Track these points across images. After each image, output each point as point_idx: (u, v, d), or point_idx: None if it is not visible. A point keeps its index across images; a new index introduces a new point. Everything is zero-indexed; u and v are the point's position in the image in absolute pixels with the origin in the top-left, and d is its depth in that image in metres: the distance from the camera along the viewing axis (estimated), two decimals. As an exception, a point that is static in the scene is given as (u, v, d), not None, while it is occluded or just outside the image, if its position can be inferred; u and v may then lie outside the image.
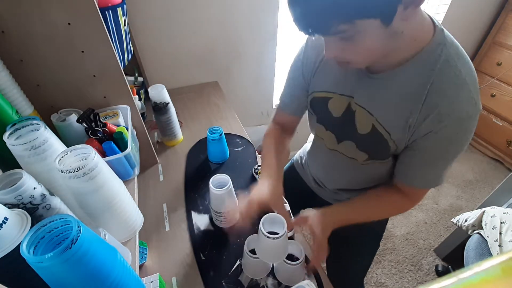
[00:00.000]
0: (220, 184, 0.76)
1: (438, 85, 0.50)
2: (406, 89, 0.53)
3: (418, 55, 0.50)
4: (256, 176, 0.95)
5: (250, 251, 0.67)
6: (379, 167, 0.68)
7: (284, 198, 0.70)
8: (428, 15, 0.52)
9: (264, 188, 0.64)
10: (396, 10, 0.41)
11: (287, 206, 0.81)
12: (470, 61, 0.51)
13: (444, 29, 0.51)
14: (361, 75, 0.58)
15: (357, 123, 0.62)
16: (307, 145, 0.91)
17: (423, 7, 0.48)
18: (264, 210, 0.63)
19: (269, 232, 0.61)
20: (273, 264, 0.71)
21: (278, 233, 0.60)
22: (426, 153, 0.57)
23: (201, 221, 0.84)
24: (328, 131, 0.70)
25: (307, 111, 0.76)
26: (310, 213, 0.65)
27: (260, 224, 0.61)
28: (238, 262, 0.74)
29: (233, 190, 0.76)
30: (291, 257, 0.68)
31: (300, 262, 0.64)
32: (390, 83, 0.54)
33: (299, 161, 0.97)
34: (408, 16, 0.43)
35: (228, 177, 0.75)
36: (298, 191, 0.93)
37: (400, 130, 0.56)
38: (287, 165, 1.06)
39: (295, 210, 0.82)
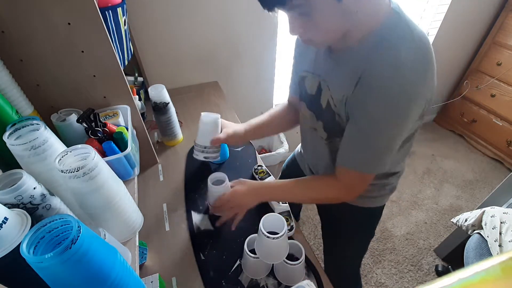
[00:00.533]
0: (218, 182, 0.77)
1: (376, 60, 0.51)
2: (351, 67, 0.55)
3: (367, 36, 0.52)
4: (256, 176, 0.95)
5: (250, 251, 0.67)
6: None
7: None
8: None
9: (236, 129, 0.86)
10: None
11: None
12: (424, 53, 0.50)
13: (402, 12, 0.52)
14: (325, 56, 0.62)
15: (321, 98, 0.65)
16: None
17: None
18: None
19: (269, 232, 0.61)
20: (273, 264, 0.71)
21: (278, 233, 0.60)
22: (351, 127, 0.58)
23: (201, 221, 0.84)
24: (309, 110, 0.72)
25: None
26: (246, 180, 0.77)
27: (260, 224, 0.61)
28: (238, 262, 0.74)
29: (229, 187, 0.76)
30: (291, 257, 0.68)
31: (300, 262, 0.64)
32: (341, 61, 0.58)
33: (299, 150, 1.00)
34: None
35: (225, 174, 0.77)
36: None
37: (341, 104, 0.59)
38: (289, 157, 1.10)
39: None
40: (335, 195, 0.67)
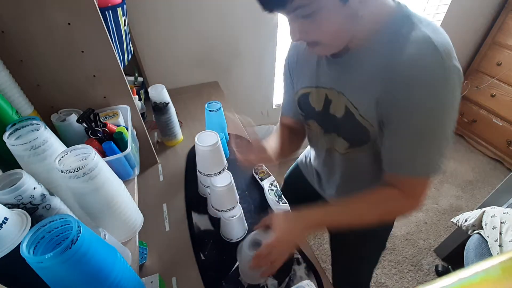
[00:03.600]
0: (255, 244, 0.65)
1: (402, 56, 0.47)
2: (371, 67, 0.52)
3: (378, 33, 0.50)
4: (257, 176, 0.95)
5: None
6: (361, 157, 0.64)
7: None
8: None
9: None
10: None
11: (287, 206, 0.81)
12: (439, 27, 0.49)
13: (407, 7, 0.50)
14: (327, 65, 0.59)
15: (333, 108, 0.61)
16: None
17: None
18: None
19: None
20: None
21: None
22: (401, 131, 0.52)
23: (201, 221, 0.84)
24: (320, 126, 0.69)
25: None
26: (280, 215, 0.61)
27: (244, 243, 0.60)
28: (238, 262, 0.74)
29: (234, 186, 0.74)
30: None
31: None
32: (353, 62, 0.54)
33: (303, 161, 0.96)
34: None
35: (216, 133, 0.71)
36: (302, 190, 0.92)
37: (369, 108, 0.54)
38: (291, 166, 1.05)
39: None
40: (402, 207, 0.58)
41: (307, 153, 0.95)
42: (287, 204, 0.84)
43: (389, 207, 0.58)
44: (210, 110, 0.95)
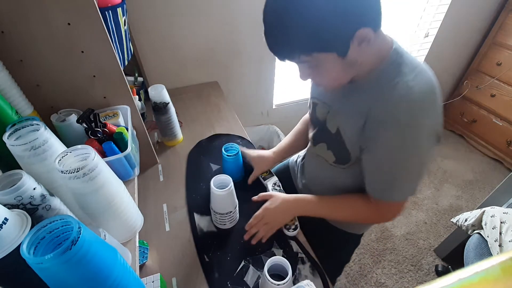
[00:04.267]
0: (221, 185, 0.76)
1: (385, 96, 0.55)
2: (361, 100, 0.59)
3: (372, 72, 0.57)
4: (260, 177, 0.95)
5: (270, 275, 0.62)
6: (343, 173, 0.72)
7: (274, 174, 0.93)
8: (388, 36, 0.58)
9: (262, 153, 0.93)
10: (349, 46, 0.49)
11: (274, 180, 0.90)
12: (429, 77, 0.54)
13: (399, 47, 0.57)
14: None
15: (328, 123, 0.70)
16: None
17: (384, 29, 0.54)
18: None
19: (273, 275, 0.61)
20: (259, 282, 0.70)
21: (282, 276, 0.61)
22: (372, 161, 0.61)
23: (203, 222, 0.84)
24: (314, 132, 0.78)
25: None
26: (278, 193, 0.79)
27: (265, 269, 0.61)
28: (242, 263, 0.74)
29: (234, 191, 0.76)
30: (278, 276, 0.66)
31: (287, 281, 0.60)
32: (351, 93, 0.62)
33: (295, 160, 1.01)
34: (362, 50, 0.50)
35: (229, 178, 0.75)
36: (292, 190, 0.97)
37: (352, 137, 0.63)
38: (280, 165, 1.10)
39: None
40: (374, 219, 0.72)
41: (302, 153, 0.98)
42: (275, 178, 0.86)
43: (364, 215, 0.70)
44: (228, 155, 0.88)
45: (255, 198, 0.80)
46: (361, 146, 0.62)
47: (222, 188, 0.72)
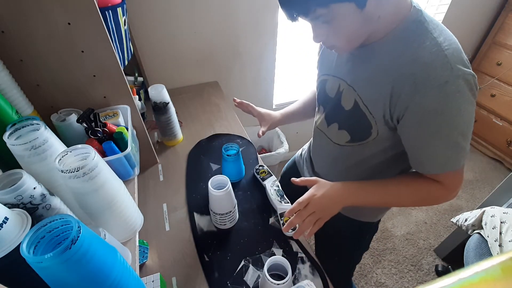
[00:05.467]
0: (219, 185, 0.76)
1: (413, 57, 0.50)
2: (383, 63, 0.54)
3: (394, 31, 0.53)
4: (258, 176, 0.95)
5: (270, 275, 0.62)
6: (361, 151, 0.66)
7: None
8: None
9: (270, 111, 0.92)
10: None
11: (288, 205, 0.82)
12: (453, 36, 0.52)
13: (422, 10, 0.53)
14: (346, 56, 0.63)
15: (343, 99, 0.64)
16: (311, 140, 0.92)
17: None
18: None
19: (273, 274, 0.62)
20: (259, 281, 0.70)
21: (282, 275, 0.61)
22: (414, 132, 0.54)
23: (203, 222, 0.84)
24: (324, 113, 0.72)
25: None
26: (323, 180, 0.65)
27: (264, 268, 0.61)
28: (242, 263, 0.74)
29: (232, 191, 0.76)
30: (278, 276, 0.67)
31: (287, 281, 0.60)
32: (368, 58, 0.57)
33: (300, 154, 1.00)
34: (381, 2, 0.47)
35: (227, 178, 0.75)
36: (296, 187, 0.93)
37: (378, 105, 0.56)
38: (289, 161, 1.08)
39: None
40: (444, 197, 0.60)
41: (306, 147, 0.97)
42: (290, 204, 0.84)
43: (427, 196, 0.61)
44: (228, 155, 0.89)
45: (296, 180, 0.66)
46: (393, 115, 0.55)
47: (220, 189, 0.73)
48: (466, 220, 1.27)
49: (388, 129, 0.59)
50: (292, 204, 0.81)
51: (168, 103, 1.00)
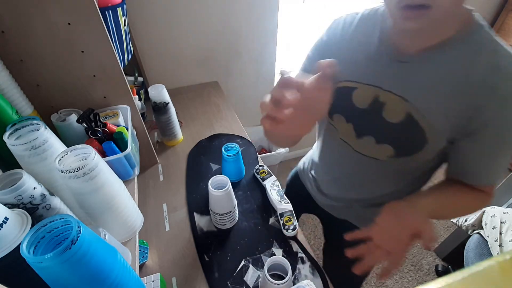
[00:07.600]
0: (219, 185, 0.76)
1: (490, 65, 0.46)
2: (449, 71, 0.48)
3: (457, 36, 0.48)
4: (258, 177, 0.95)
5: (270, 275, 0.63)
6: (404, 164, 0.60)
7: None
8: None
9: None
10: None
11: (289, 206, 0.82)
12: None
13: (479, 16, 0.50)
14: (387, 62, 0.54)
15: (385, 111, 0.56)
16: (314, 151, 0.85)
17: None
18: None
19: (273, 274, 0.62)
20: (259, 281, 0.70)
21: (282, 275, 0.61)
22: (482, 143, 0.50)
23: (203, 222, 0.84)
24: (349, 123, 0.62)
25: None
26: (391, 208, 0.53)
27: (265, 268, 0.61)
28: (242, 263, 0.74)
29: (232, 191, 0.76)
30: (278, 276, 0.67)
31: (287, 281, 0.60)
32: (427, 66, 0.50)
33: (302, 167, 0.93)
34: None
35: (227, 178, 0.75)
36: (301, 198, 0.90)
37: (441, 117, 0.50)
38: (291, 173, 1.02)
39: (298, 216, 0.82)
40: (486, 205, 0.60)
41: (306, 159, 0.92)
42: (290, 204, 0.84)
43: (481, 205, 0.58)
44: (228, 155, 0.88)
45: (349, 237, 0.55)
46: (465, 128, 0.50)
47: (220, 189, 0.73)
48: (466, 220, 1.27)
49: (444, 142, 0.53)
50: (292, 204, 0.80)
51: (168, 103, 1.00)
